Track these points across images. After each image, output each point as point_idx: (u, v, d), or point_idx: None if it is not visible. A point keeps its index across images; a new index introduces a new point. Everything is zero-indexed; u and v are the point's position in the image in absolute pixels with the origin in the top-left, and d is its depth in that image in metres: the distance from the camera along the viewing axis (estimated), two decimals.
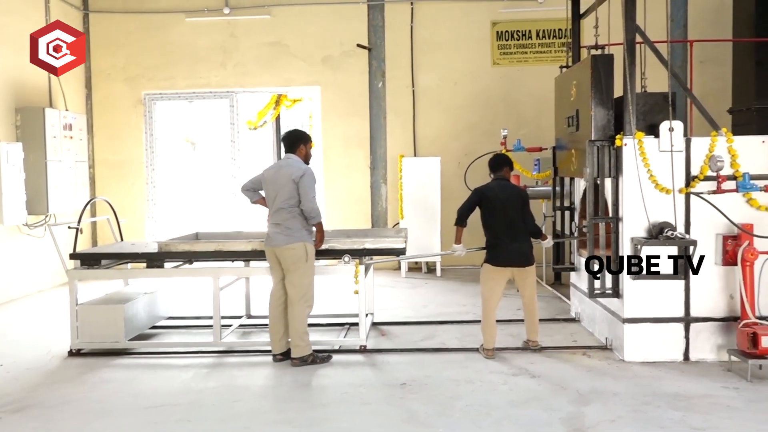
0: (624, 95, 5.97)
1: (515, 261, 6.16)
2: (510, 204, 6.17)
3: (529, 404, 5.04)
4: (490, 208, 6.20)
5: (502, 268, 6.17)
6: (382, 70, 11.28)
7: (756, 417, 4.71)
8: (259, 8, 11.32)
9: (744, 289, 5.63)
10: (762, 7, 8.98)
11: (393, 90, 11.30)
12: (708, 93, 10.30)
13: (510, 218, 6.16)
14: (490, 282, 6.23)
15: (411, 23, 11.26)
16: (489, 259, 6.23)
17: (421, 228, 10.40)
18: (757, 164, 5.86)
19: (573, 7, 7.79)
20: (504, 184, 6.34)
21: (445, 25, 11.25)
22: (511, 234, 6.14)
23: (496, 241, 6.18)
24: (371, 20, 11.27)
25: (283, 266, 6.07)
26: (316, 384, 5.62)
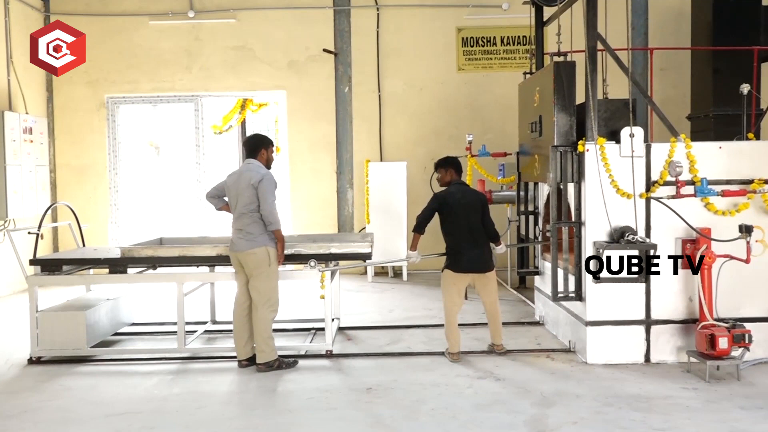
0: (586, 101, 6.08)
1: (476, 267, 6.21)
2: (471, 209, 6.22)
3: (494, 407, 5.08)
4: (451, 214, 6.21)
5: (463, 274, 6.22)
6: (348, 75, 11.30)
7: (714, 417, 4.82)
8: (225, 12, 11.27)
9: (702, 292, 5.75)
10: (719, 16, 9.21)
11: (359, 95, 11.33)
12: (668, 100, 10.52)
13: (471, 224, 6.20)
14: (451, 288, 6.26)
15: (377, 29, 11.31)
16: (450, 266, 6.26)
17: (387, 232, 10.43)
18: (714, 169, 6.00)
19: (536, 14, 7.90)
20: (464, 189, 6.38)
21: (411, 30, 11.31)
22: (472, 240, 6.19)
23: (456, 248, 6.21)
24: (337, 25, 11.29)
25: (246, 271, 6.04)
26: (282, 389, 5.60)
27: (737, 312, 5.96)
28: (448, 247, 6.29)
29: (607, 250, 5.85)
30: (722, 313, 5.89)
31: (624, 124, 6.07)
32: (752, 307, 6.02)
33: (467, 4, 11.24)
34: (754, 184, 5.94)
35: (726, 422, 4.71)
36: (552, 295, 6.36)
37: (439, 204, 6.25)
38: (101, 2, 11.37)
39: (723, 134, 8.09)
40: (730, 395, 5.21)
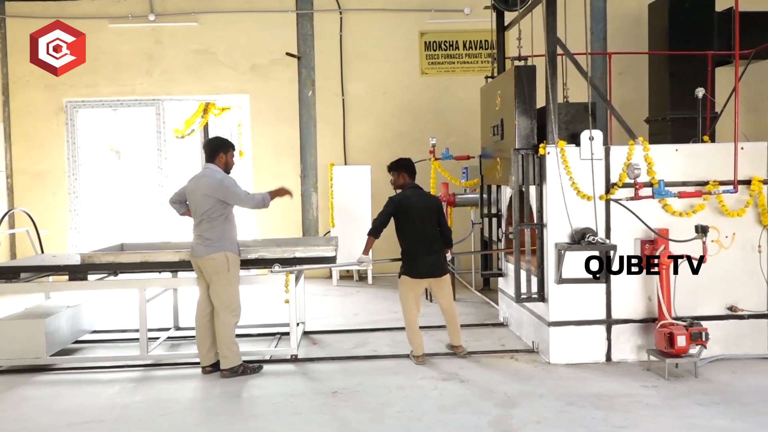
0: (546, 105, 6.16)
1: (432, 273, 6.25)
2: (427, 214, 6.25)
3: (459, 408, 5.12)
4: (407, 219, 6.23)
5: (421, 279, 6.26)
6: (311, 79, 11.28)
7: (673, 413, 4.92)
8: (186, 15, 11.16)
9: (661, 292, 5.87)
10: (674, 22, 9.41)
11: (323, 99, 11.32)
12: (626, 103, 10.69)
13: (427, 229, 6.23)
14: (409, 293, 6.29)
15: (340, 32, 11.31)
16: (407, 272, 6.26)
17: (352, 236, 10.40)
18: (671, 171, 6.13)
19: (497, 19, 7.99)
20: (420, 192, 6.39)
21: (374, 34, 11.35)
22: (428, 245, 6.22)
23: (413, 253, 6.22)
24: (300, 29, 11.27)
25: (206, 277, 5.99)
26: (247, 395, 5.57)
27: (694, 311, 6.11)
28: (403, 252, 6.29)
29: (569, 252, 5.93)
30: (680, 311, 6.02)
31: (584, 127, 6.17)
32: (709, 306, 6.16)
33: (430, 9, 11.31)
34: (709, 185, 6.09)
35: (684, 418, 4.81)
36: (515, 296, 6.43)
37: (395, 208, 6.26)
38: (59, 5, 11.18)
39: (680, 137, 8.29)
40: (688, 392, 5.33)
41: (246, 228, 11.25)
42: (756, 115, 11.08)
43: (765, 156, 6.20)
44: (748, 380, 5.59)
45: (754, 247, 6.18)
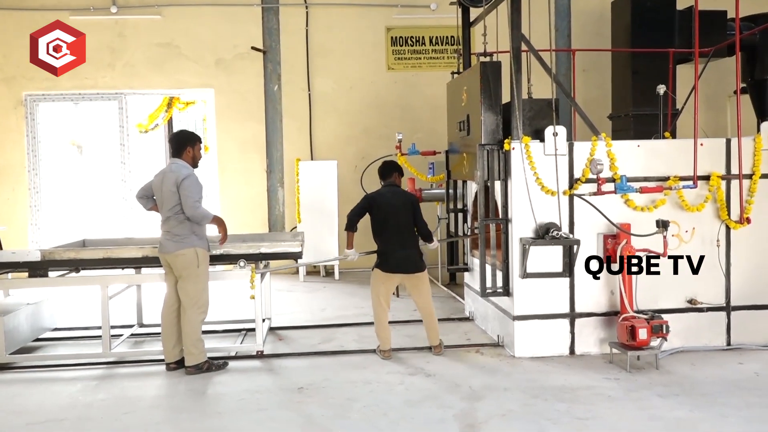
0: (511, 101, 6.21)
1: (404, 268, 6.25)
2: (401, 211, 6.25)
3: (425, 403, 5.15)
4: (380, 215, 6.25)
5: (392, 274, 6.27)
6: (277, 74, 11.21)
7: (634, 405, 5.01)
8: (149, 8, 11.00)
9: (623, 285, 5.97)
10: (636, 20, 9.54)
11: (289, 94, 11.26)
12: (590, 99, 10.87)
13: (400, 225, 6.24)
14: (380, 287, 6.31)
15: (306, 27, 11.26)
16: (378, 265, 6.30)
17: (318, 231, 10.40)
18: (633, 167, 6.23)
19: (463, 15, 8.02)
20: (395, 190, 6.40)
21: (341, 29, 11.31)
22: (401, 241, 6.23)
23: (385, 248, 6.25)
24: (266, 23, 11.19)
25: (174, 273, 5.93)
26: (212, 392, 5.52)
27: (655, 304, 6.21)
28: (377, 247, 6.33)
29: (533, 246, 5.99)
30: (642, 305, 6.12)
31: (548, 123, 6.23)
32: (669, 299, 6.28)
33: (396, 4, 11.32)
34: (670, 180, 6.20)
35: (645, 410, 4.90)
36: (480, 290, 6.48)
37: (369, 204, 6.28)
38: None
39: (642, 133, 8.43)
40: (649, 384, 5.43)
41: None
42: (716, 112, 11.31)
43: (723, 152, 6.33)
44: (706, 371, 5.72)
45: (713, 241, 6.31)
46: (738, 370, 5.75)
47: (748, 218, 6.22)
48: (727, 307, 6.35)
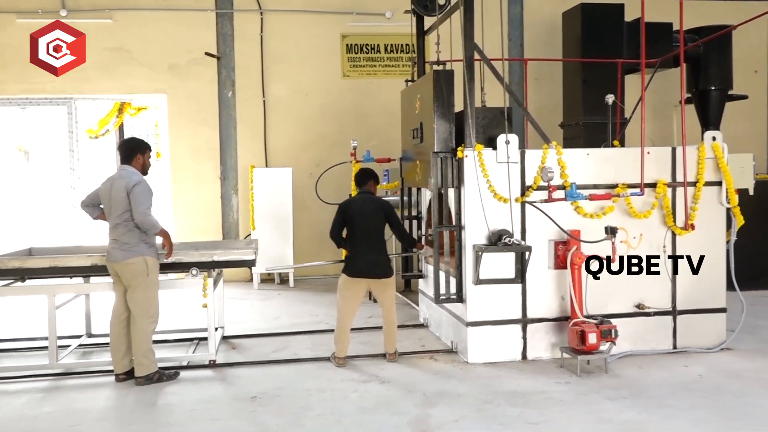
0: (464, 109, 6.28)
1: (371, 272, 6.25)
2: (371, 217, 6.28)
3: (378, 409, 5.15)
4: (351, 221, 6.30)
5: (358, 279, 6.27)
6: (231, 80, 11.12)
7: (584, 408, 5.10)
8: (100, 12, 10.81)
9: (573, 291, 6.07)
10: (587, 31, 9.75)
11: (243, 100, 11.18)
12: (542, 108, 11.05)
13: (369, 231, 6.26)
14: (345, 292, 6.31)
15: (261, 33, 11.20)
16: (345, 270, 6.32)
17: (273, 239, 10.34)
18: (583, 175, 6.35)
19: (417, 23, 8.08)
20: (367, 197, 6.43)
21: (296, 36, 11.28)
22: (369, 246, 6.25)
23: (353, 253, 6.28)
24: (220, 29, 11.10)
25: (123, 282, 5.82)
26: (162, 403, 5.43)
27: (605, 309, 6.33)
28: (347, 251, 6.37)
29: (486, 253, 6.05)
30: (591, 310, 6.23)
31: (500, 131, 6.32)
32: (617, 304, 6.40)
33: (351, 11, 11.34)
34: (618, 188, 6.33)
35: (594, 413, 4.99)
36: (434, 297, 6.52)
37: (342, 212, 6.35)
38: None
39: (592, 141, 8.60)
40: (599, 387, 5.53)
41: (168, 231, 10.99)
42: (663, 121, 11.61)
43: (669, 160, 6.50)
44: (653, 374, 5.85)
45: (660, 247, 6.47)
46: (684, 373, 5.89)
47: (693, 224, 6.40)
48: (673, 311, 6.51)
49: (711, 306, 6.56)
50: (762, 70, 12.27)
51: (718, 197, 6.54)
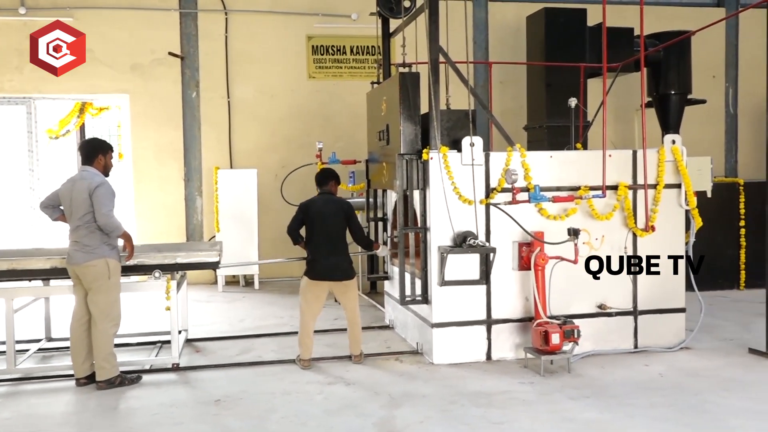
0: (429, 112, 6.31)
1: (332, 275, 6.26)
2: (331, 218, 6.26)
3: (344, 411, 5.14)
4: (311, 222, 6.28)
5: (320, 281, 6.26)
6: (196, 80, 11.01)
7: (546, 408, 5.16)
8: (61, 10, 10.60)
9: (537, 292, 6.13)
10: (550, 35, 9.86)
11: (208, 101, 11.07)
12: (507, 111, 11.15)
13: (330, 232, 6.26)
14: (307, 294, 6.30)
15: (226, 33, 11.11)
16: (307, 272, 6.31)
17: (238, 240, 10.26)
18: (547, 177, 6.43)
19: (383, 26, 8.09)
20: (327, 198, 6.42)
21: (261, 37, 11.22)
22: (330, 248, 6.24)
23: (314, 255, 6.26)
24: (184, 28, 10.98)
25: (84, 285, 5.72)
26: (124, 407, 5.35)
27: (568, 309, 6.41)
28: (307, 253, 6.33)
29: (451, 255, 6.09)
30: (555, 310, 6.30)
31: (465, 133, 6.36)
32: (580, 304, 6.49)
33: (317, 13, 11.31)
34: (581, 190, 6.42)
35: (557, 412, 5.06)
36: (400, 298, 6.54)
37: (302, 212, 6.32)
38: None
39: (555, 144, 8.70)
40: (562, 387, 5.60)
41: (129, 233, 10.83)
42: (624, 124, 11.80)
43: (630, 163, 6.61)
44: (615, 374, 5.94)
45: (621, 248, 6.58)
46: (644, 372, 6.00)
47: (653, 226, 6.52)
48: (634, 311, 6.62)
49: (671, 306, 6.70)
50: (720, 75, 12.57)
51: (677, 199, 6.68)
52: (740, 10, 11.04)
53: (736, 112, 12.62)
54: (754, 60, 11.40)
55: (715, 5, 12.65)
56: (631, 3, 11.26)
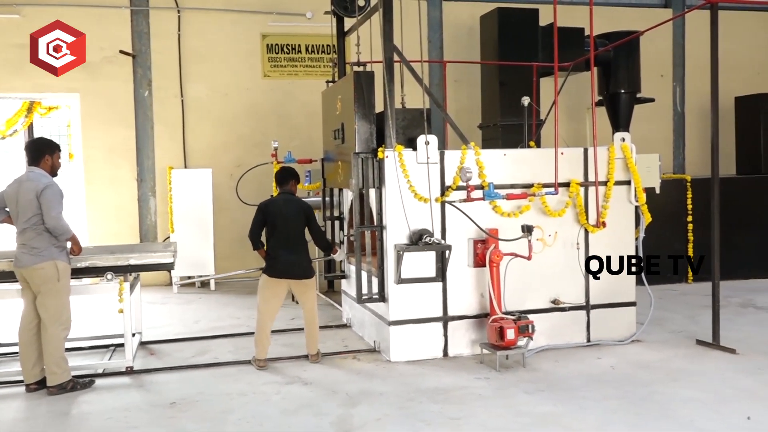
0: (384, 110, 6.33)
1: (291, 273, 6.25)
2: (292, 218, 6.26)
3: (301, 411, 5.14)
4: (272, 222, 6.25)
5: (278, 279, 6.24)
6: (148, 79, 10.84)
7: (503, 402, 5.23)
8: (6, 6, 10.33)
9: (492, 288, 6.21)
10: (503, 34, 9.98)
11: (161, 99, 10.91)
12: (462, 109, 11.25)
13: (290, 232, 6.25)
14: (265, 292, 6.28)
15: (179, 31, 10.95)
16: (266, 270, 6.29)
17: (193, 241, 10.14)
18: (501, 175, 6.51)
19: (338, 24, 8.10)
20: (288, 198, 6.40)
21: (215, 35, 11.09)
22: (289, 247, 6.23)
23: (274, 253, 6.25)
24: (135, 26, 10.79)
25: (32, 288, 5.59)
26: (77, 412, 5.25)
27: (522, 305, 6.50)
28: (266, 252, 6.31)
29: (407, 252, 6.12)
30: (510, 306, 6.39)
31: (420, 132, 6.40)
32: (535, 300, 6.60)
33: (271, 11, 11.23)
34: (534, 187, 6.53)
35: (513, 407, 5.13)
36: (357, 297, 6.55)
37: (262, 213, 6.28)
38: None
39: (509, 142, 8.81)
40: (517, 382, 5.68)
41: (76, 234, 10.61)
42: (576, 123, 12.00)
43: (582, 160, 6.74)
44: (569, 367, 6.05)
45: (574, 244, 6.70)
46: (597, 365, 6.13)
47: (604, 222, 6.66)
48: (586, 306, 6.75)
49: (622, 300, 6.85)
50: (668, 75, 12.88)
51: (627, 196, 6.83)
52: (686, 11, 11.36)
53: (683, 111, 12.95)
54: (700, 60, 11.68)
55: (663, 6, 12.95)
56: (581, 3, 11.45)
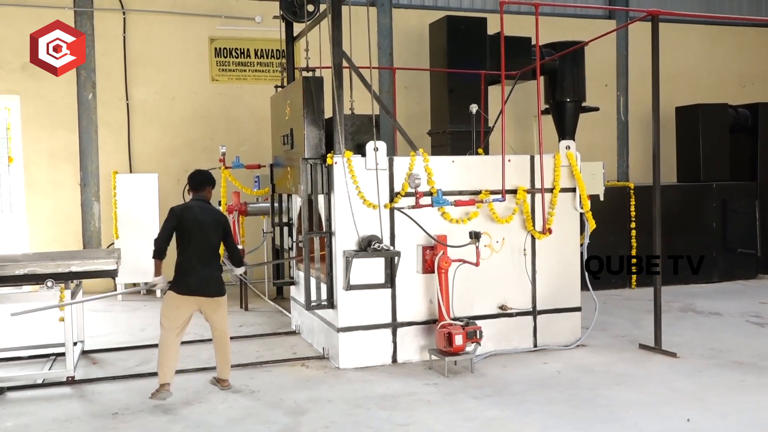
0: (333, 116, 6.32)
1: (202, 290, 5.58)
2: (208, 229, 5.65)
3: (248, 420, 5.07)
4: (185, 231, 5.61)
5: (188, 296, 5.56)
6: (92, 81, 10.59)
7: (450, 407, 5.26)
8: None
9: (441, 294, 6.24)
10: (452, 42, 10.09)
11: (105, 103, 10.67)
12: (411, 116, 11.31)
13: (205, 245, 5.64)
14: (173, 312, 5.55)
15: (124, 34, 10.74)
16: (173, 286, 5.57)
17: (138, 247, 9.89)
18: (449, 181, 6.56)
19: (287, 29, 8.05)
20: (204, 206, 5.78)
21: (161, 38, 10.92)
22: (203, 261, 5.60)
23: (185, 266, 5.57)
24: (79, 28, 10.50)
25: None
26: (14, 424, 5.08)
27: (471, 311, 6.56)
28: (177, 265, 5.63)
29: (356, 259, 6.11)
30: (458, 312, 6.44)
31: (369, 138, 6.41)
32: (483, 306, 6.66)
33: (220, 15, 11.11)
34: (482, 194, 6.60)
35: (461, 411, 5.17)
36: (306, 303, 6.51)
37: (175, 219, 5.63)
38: None
39: (458, 149, 8.90)
40: (465, 387, 5.73)
41: (16, 240, 10.30)
42: (524, 131, 12.18)
43: (528, 168, 6.84)
44: (516, 372, 6.13)
45: (521, 250, 6.79)
46: (543, 370, 6.22)
47: (550, 229, 6.77)
48: (533, 311, 6.85)
49: (567, 306, 6.97)
50: (612, 84, 13.19)
51: (572, 203, 6.96)
52: (628, 23, 11.64)
53: (627, 120, 13.27)
54: (642, 70, 12.01)
55: (607, 17, 13.27)
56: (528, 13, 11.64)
